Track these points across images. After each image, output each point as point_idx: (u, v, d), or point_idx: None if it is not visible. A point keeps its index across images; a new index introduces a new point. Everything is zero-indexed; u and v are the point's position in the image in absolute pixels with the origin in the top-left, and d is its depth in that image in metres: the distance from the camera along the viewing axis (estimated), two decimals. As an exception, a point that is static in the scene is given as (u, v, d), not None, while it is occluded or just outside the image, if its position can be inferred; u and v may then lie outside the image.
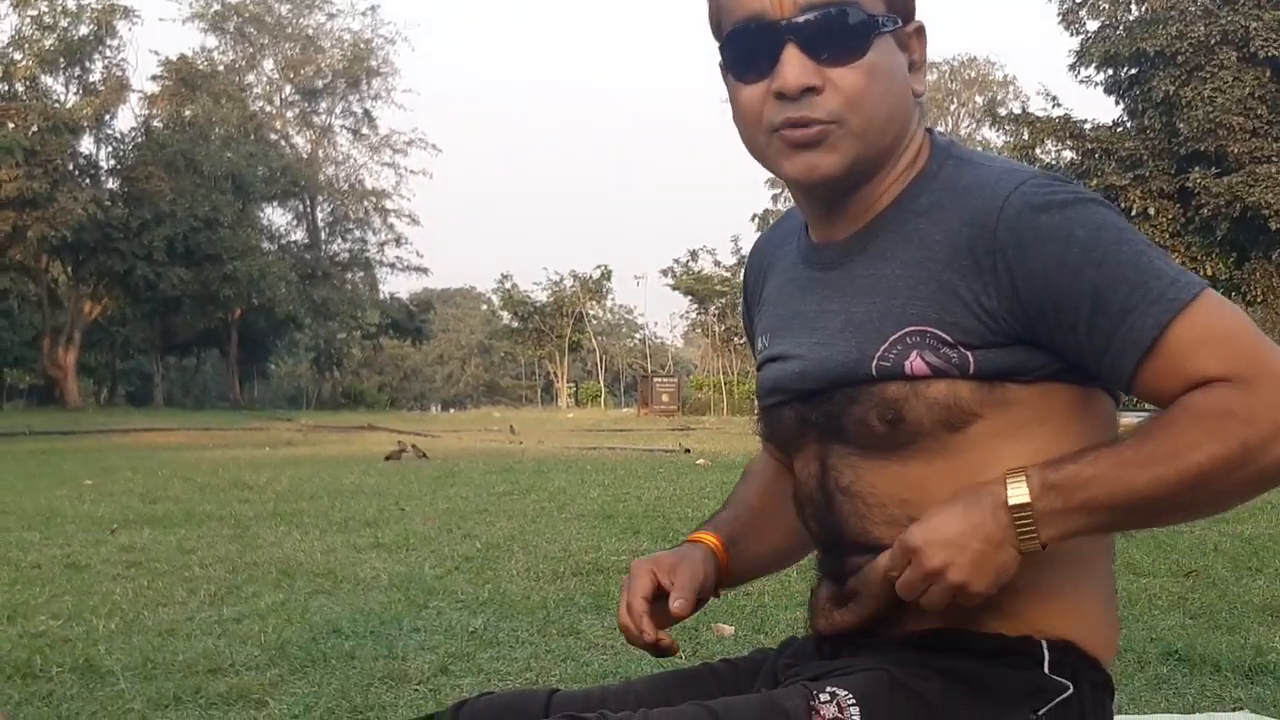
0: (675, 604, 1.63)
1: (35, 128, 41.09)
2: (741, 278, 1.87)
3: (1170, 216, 23.10)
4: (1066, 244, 1.38)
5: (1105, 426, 1.51)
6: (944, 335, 1.44)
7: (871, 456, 1.50)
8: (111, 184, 46.54)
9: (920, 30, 1.53)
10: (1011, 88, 56.70)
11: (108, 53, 45.95)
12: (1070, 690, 1.45)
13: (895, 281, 1.48)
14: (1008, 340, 1.43)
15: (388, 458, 13.38)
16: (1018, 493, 1.35)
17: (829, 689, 1.44)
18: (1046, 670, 1.45)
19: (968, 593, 1.37)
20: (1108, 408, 1.51)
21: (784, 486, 1.75)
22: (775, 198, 51.58)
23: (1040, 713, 1.43)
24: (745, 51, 1.48)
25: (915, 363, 1.44)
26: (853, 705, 1.42)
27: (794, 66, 1.44)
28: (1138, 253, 1.38)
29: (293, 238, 58.18)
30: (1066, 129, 24.85)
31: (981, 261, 1.41)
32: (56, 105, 44.01)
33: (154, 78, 50.18)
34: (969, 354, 1.43)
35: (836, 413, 1.51)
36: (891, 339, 1.46)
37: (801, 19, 1.43)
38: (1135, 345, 1.36)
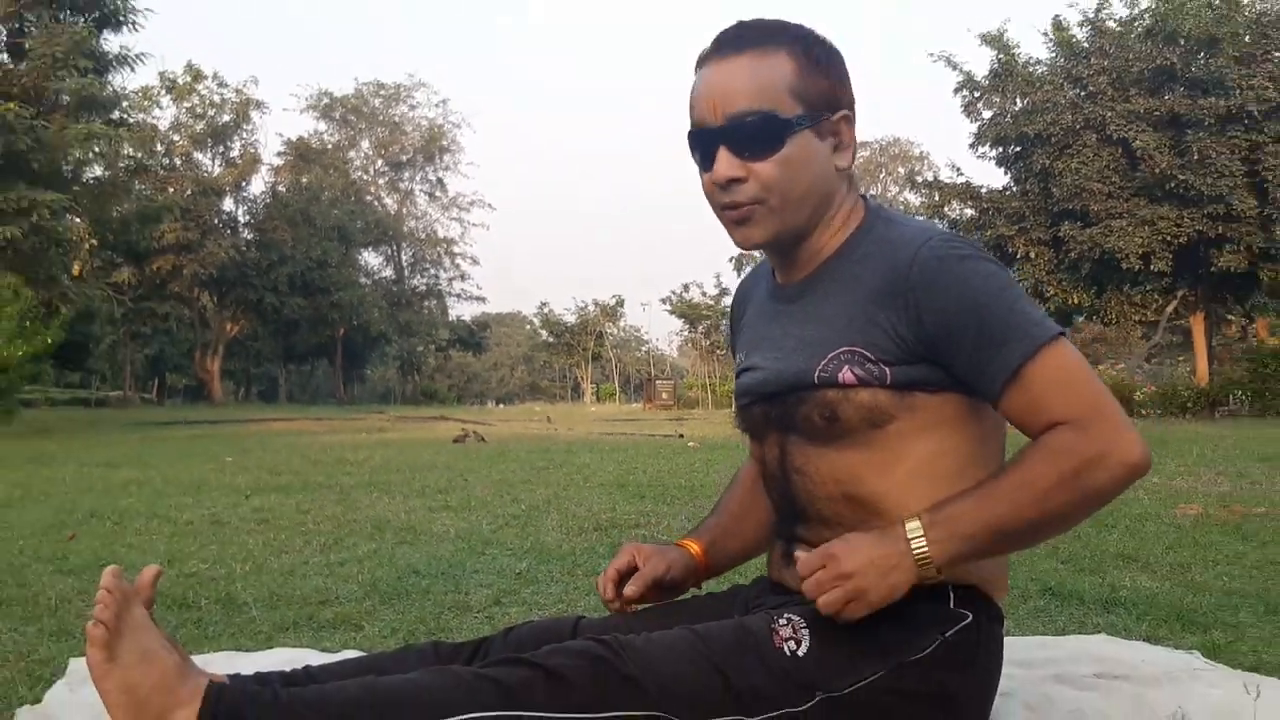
0: (628, 589, 1.66)
1: (189, 191, 41.21)
2: (729, 305, 1.88)
3: (1046, 259, 23.01)
4: (961, 288, 1.40)
5: (995, 427, 1.51)
6: (868, 354, 1.45)
7: (816, 445, 1.51)
8: (247, 234, 46.56)
9: (847, 117, 1.51)
10: (926, 161, 56.09)
11: (244, 134, 46.13)
12: (969, 619, 1.46)
13: (835, 314, 1.49)
14: (915, 359, 1.44)
15: (455, 441, 13.37)
16: (913, 530, 1.38)
17: (786, 615, 1.45)
18: (952, 605, 1.46)
19: (863, 600, 1.38)
20: (987, 415, 1.51)
21: (760, 493, 1.75)
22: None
23: (947, 635, 1.44)
24: (696, 150, 1.52)
25: (846, 374, 1.45)
26: (804, 628, 1.43)
27: (722, 163, 1.47)
28: (1014, 299, 1.40)
29: (383, 274, 58.10)
30: (968, 192, 24.78)
31: (897, 299, 1.42)
32: (205, 174, 44.17)
33: (279, 153, 50.31)
34: (886, 369, 1.44)
35: (789, 411, 1.52)
36: (829, 356, 1.47)
37: (729, 125, 1.46)
38: (1004, 370, 1.38)
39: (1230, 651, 2.25)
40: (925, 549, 1.37)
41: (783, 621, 1.44)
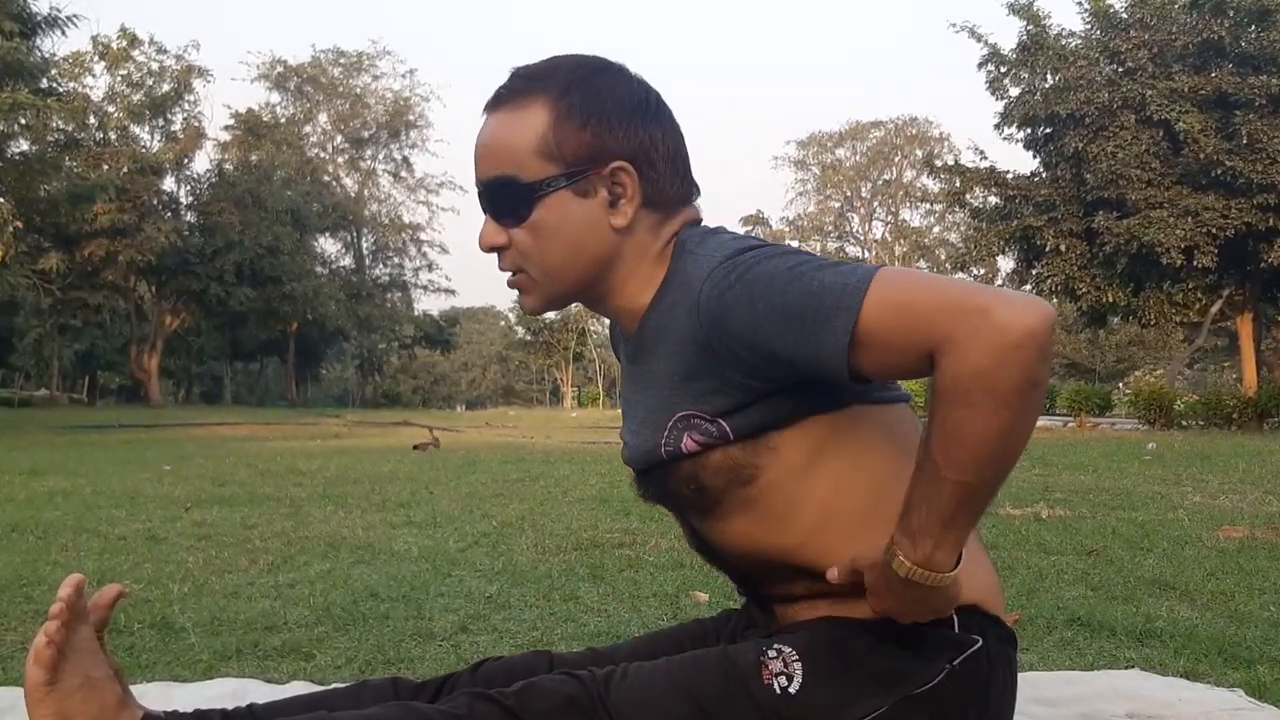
0: None
1: (125, 169, 41.11)
2: None
3: (1078, 253, 23.09)
4: (751, 306, 1.33)
5: (880, 432, 1.47)
6: (701, 414, 1.43)
7: (703, 517, 1.50)
8: (189, 217, 46.50)
9: (623, 169, 1.45)
10: (946, 143, 56.08)
11: (186, 106, 45.96)
12: (979, 644, 1.44)
13: (661, 377, 1.47)
14: (754, 398, 1.40)
15: (415, 448, 13.32)
16: (898, 561, 1.30)
17: (776, 645, 1.44)
18: (956, 629, 1.44)
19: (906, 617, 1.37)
20: (874, 416, 1.47)
21: None
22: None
23: (954, 663, 1.42)
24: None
25: (688, 442, 1.44)
26: (796, 660, 1.42)
27: (484, 230, 1.48)
28: (808, 279, 1.31)
29: (342, 263, 58.10)
30: (992, 178, 24.84)
31: (703, 346, 1.38)
32: (143, 150, 44.02)
33: (226, 128, 50.20)
34: (724, 423, 1.42)
35: (661, 487, 1.53)
36: (668, 427, 1.46)
37: (482, 190, 1.47)
38: (837, 348, 1.28)
39: (1278, 690, 2.26)
40: (924, 571, 1.30)
41: (772, 653, 1.43)
